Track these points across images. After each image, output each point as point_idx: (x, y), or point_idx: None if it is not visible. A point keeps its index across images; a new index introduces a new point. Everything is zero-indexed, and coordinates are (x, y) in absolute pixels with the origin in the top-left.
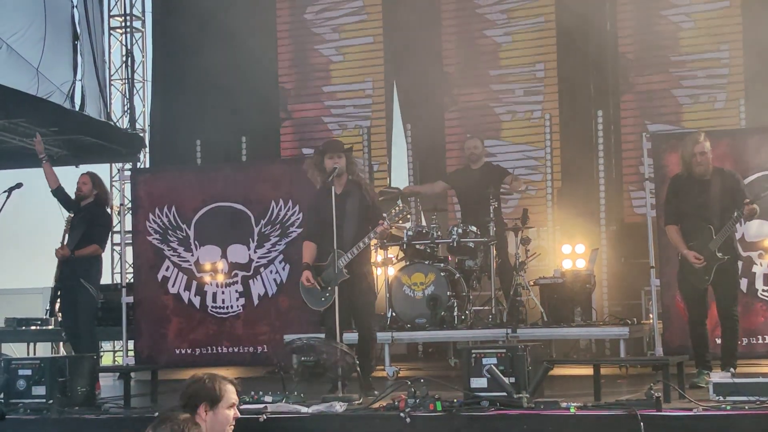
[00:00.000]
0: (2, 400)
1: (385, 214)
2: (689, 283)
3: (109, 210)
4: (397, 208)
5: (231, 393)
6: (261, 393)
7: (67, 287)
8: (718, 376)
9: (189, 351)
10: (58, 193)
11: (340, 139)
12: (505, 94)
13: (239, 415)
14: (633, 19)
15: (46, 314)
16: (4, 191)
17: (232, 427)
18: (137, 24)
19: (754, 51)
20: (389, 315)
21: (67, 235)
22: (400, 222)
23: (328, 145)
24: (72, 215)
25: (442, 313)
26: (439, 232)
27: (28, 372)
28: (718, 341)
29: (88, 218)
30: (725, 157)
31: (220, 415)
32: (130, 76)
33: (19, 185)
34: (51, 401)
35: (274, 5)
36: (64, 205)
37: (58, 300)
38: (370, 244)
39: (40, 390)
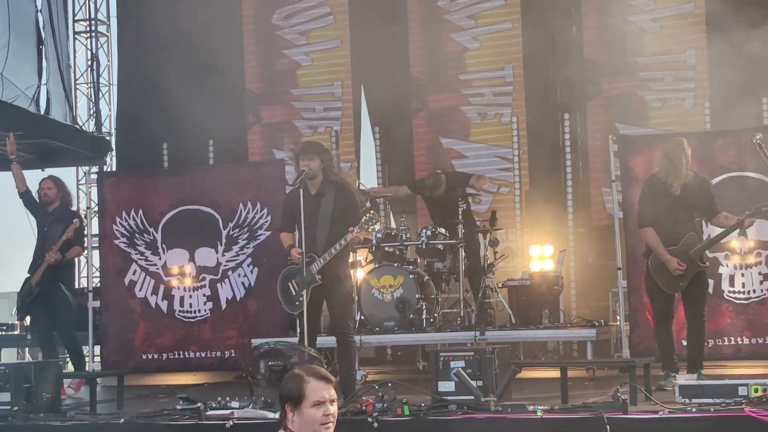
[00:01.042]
0: None
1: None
2: (659, 287)
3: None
4: (367, 215)
5: (316, 390)
6: (228, 398)
7: (45, 291)
8: (683, 379)
9: (156, 356)
10: (26, 196)
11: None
12: (474, 97)
13: (331, 411)
14: (598, 24)
15: (14, 317)
16: None
17: (328, 426)
18: (102, 28)
19: (719, 55)
20: (358, 318)
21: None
22: (369, 229)
23: (302, 147)
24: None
25: (411, 315)
26: (408, 234)
27: None
28: (684, 343)
29: (64, 222)
30: (692, 159)
31: (305, 415)
32: (95, 80)
33: None
34: (16, 408)
35: (240, 10)
36: (30, 209)
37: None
38: (347, 247)
39: (4, 396)
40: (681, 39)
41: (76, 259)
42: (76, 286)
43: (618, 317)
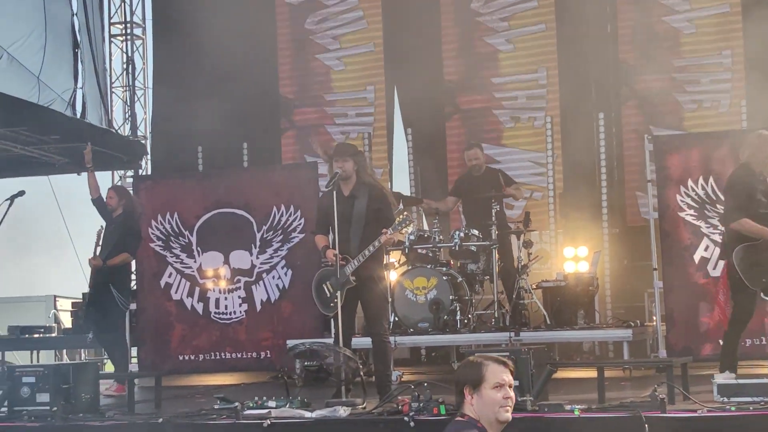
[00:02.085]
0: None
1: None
2: (742, 283)
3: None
4: (400, 217)
5: (495, 373)
6: (265, 398)
7: (96, 293)
8: (722, 378)
9: (192, 357)
10: (97, 202)
11: (350, 143)
12: (508, 101)
13: (510, 394)
14: (633, 26)
15: (52, 319)
16: (6, 199)
17: (507, 409)
18: (138, 31)
19: (755, 54)
20: (392, 319)
21: (98, 246)
22: (403, 231)
23: (336, 149)
24: (103, 226)
25: (445, 317)
26: (441, 236)
27: (32, 379)
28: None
29: (120, 229)
30: (727, 157)
31: (485, 397)
32: (131, 84)
33: (21, 193)
34: (55, 408)
35: (274, 15)
36: (101, 214)
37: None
38: (381, 248)
39: (44, 397)
40: (717, 40)
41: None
42: None
43: (654, 318)
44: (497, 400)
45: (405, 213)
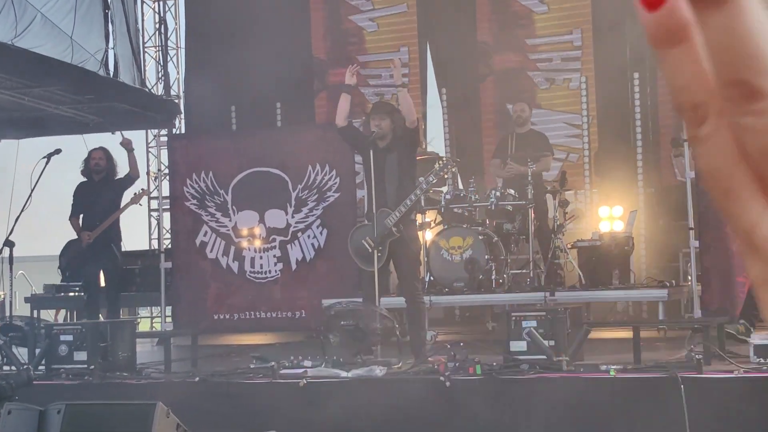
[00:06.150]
0: (27, 365)
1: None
2: None
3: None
4: (439, 163)
5: None
6: (300, 358)
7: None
8: (759, 338)
9: (227, 316)
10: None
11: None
12: (543, 62)
13: None
14: None
15: None
16: (43, 157)
17: None
18: None
19: None
20: (427, 279)
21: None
22: (446, 176)
23: (373, 107)
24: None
25: (480, 276)
26: (476, 196)
27: (70, 337)
28: None
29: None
30: None
31: None
32: (163, 44)
33: (57, 151)
34: (92, 366)
35: None
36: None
37: None
38: (415, 207)
39: (81, 355)
40: None
41: (148, 221)
42: (148, 248)
43: (689, 277)
44: None
45: (444, 159)
